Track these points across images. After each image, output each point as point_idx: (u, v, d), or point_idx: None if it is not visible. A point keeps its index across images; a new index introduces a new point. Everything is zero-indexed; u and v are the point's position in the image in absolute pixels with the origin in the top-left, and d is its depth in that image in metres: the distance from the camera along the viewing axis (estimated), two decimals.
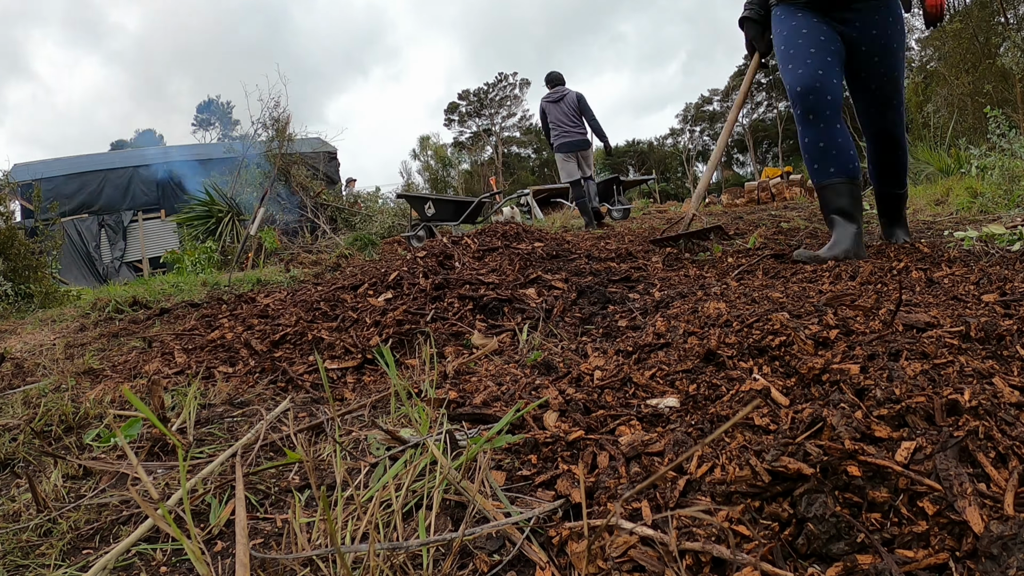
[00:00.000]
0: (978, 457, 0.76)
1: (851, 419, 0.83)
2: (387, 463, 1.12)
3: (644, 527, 0.75)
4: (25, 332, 4.14)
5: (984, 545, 0.64)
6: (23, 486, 1.33)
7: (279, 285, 5.47)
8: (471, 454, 0.99)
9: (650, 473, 0.90)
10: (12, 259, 5.73)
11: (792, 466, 0.75)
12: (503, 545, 0.85)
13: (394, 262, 3.34)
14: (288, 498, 1.11)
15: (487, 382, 1.56)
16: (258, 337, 2.28)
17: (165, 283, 6.08)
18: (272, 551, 0.92)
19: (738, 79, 46.87)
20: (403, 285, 2.55)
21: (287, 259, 7.94)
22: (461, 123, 52.05)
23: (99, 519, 1.15)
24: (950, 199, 6.24)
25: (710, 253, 3.24)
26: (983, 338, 1.10)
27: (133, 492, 0.66)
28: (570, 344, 1.89)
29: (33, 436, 1.56)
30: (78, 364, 2.57)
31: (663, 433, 1.02)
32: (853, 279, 1.99)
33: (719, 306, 1.48)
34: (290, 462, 1.19)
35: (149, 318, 4.18)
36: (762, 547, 0.71)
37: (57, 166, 15.58)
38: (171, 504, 1.06)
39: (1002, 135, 6.81)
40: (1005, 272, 1.80)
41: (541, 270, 2.68)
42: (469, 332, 2.12)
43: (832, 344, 1.14)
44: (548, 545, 0.83)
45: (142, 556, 0.99)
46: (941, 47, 18.82)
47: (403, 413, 1.44)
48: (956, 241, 3.06)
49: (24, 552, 1.06)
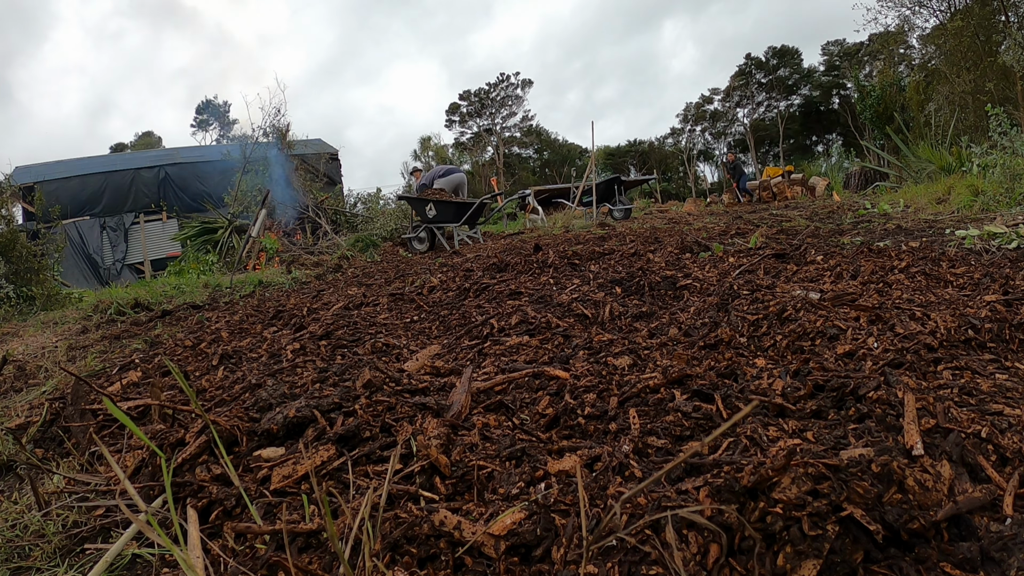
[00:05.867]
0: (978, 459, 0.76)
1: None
2: None
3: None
4: (27, 334, 4.15)
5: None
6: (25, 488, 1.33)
7: (280, 286, 5.47)
8: None
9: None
10: (14, 262, 5.74)
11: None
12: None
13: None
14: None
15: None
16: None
17: (167, 285, 6.09)
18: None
19: (739, 78, 46.82)
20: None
21: (288, 260, 7.94)
22: (462, 124, 52.06)
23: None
24: (951, 197, 6.22)
25: (711, 252, 3.23)
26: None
27: (122, 505, 0.66)
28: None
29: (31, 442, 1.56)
30: (80, 366, 2.58)
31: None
32: (854, 278, 1.99)
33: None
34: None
35: (151, 320, 4.19)
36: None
37: (58, 168, 15.60)
38: (155, 507, 1.07)
39: (1003, 133, 6.80)
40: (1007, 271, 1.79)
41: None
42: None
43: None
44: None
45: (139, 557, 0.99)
46: (942, 45, 18.77)
47: None
48: (958, 240, 3.06)
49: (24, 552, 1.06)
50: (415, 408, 1.59)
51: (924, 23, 21.39)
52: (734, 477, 0.95)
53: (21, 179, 11.89)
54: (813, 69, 45.41)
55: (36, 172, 14.58)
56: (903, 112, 18.47)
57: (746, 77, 47.01)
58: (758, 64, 46.58)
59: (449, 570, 0.96)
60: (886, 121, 18.53)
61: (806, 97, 45.76)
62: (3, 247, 5.76)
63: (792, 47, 45.75)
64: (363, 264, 7.07)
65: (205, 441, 1.49)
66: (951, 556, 0.86)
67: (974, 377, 1.53)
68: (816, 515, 0.86)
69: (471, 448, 1.34)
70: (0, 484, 1.72)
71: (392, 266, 6.35)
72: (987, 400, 1.37)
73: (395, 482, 1.22)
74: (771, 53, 46.12)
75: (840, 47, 42.74)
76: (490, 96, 51.16)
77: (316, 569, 0.94)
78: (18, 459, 1.75)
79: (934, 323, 1.87)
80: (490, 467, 1.25)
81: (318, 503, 1.07)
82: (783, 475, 0.90)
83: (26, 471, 1.43)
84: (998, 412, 1.28)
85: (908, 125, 15.44)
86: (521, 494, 1.14)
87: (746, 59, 46.79)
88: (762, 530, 0.87)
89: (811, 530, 0.84)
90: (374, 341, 2.55)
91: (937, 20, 20.35)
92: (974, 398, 1.40)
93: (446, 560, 0.97)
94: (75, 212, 14.30)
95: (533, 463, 1.26)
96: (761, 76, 46.53)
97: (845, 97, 39.37)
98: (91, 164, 16.34)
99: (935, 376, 1.57)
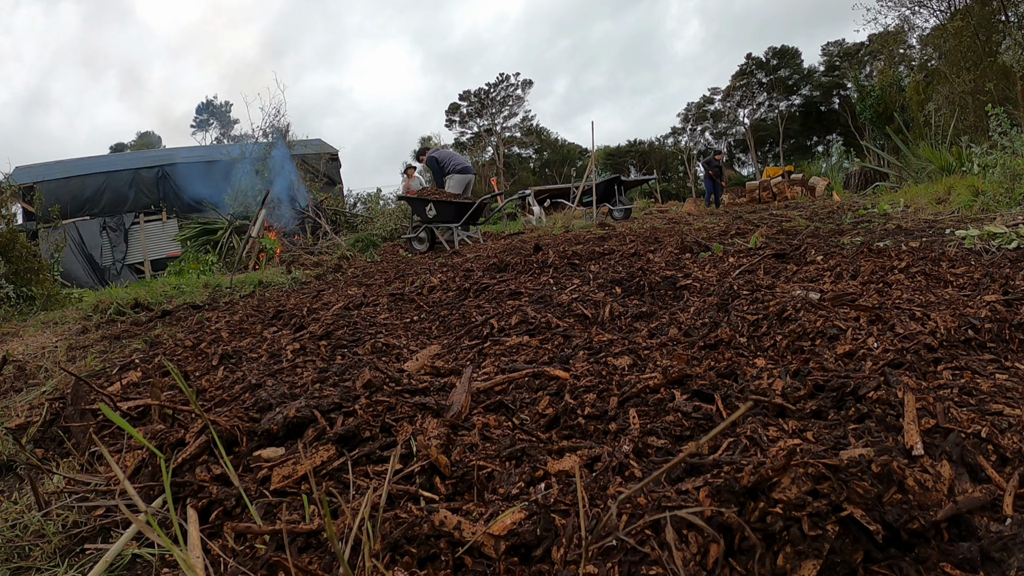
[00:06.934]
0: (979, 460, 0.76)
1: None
2: None
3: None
4: (27, 334, 4.15)
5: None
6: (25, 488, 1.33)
7: (280, 286, 5.47)
8: None
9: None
10: (14, 262, 5.74)
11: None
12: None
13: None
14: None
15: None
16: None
17: (167, 285, 6.09)
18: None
19: (740, 78, 46.83)
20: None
21: (288, 260, 7.94)
22: (462, 124, 52.06)
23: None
24: (952, 197, 6.22)
25: (711, 252, 3.23)
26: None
27: (121, 505, 0.66)
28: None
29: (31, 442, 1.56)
30: (80, 366, 2.58)
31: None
32: (854, 278, 1.99)
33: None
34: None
35: (151, 320, 4.19)
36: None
37: (58, 168, 15.61)
38: (155, 507, 1.07)
39: (1003, 133, 6.80)
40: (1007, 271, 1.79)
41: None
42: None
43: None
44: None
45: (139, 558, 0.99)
46: (942, 45, 18.76)
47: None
48: (958, 240, 3.06)
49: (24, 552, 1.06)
50: (415, 408, 1.59)
51: (924, 23, 21.39)
52: (734, 477, 0.95)
53: (21, 179, 11.89)
54: (813, 69, 45.44)
55: (36, 172, 14.59)
56: (903, 112, 18.47)
57: (747, 77, 47.03)
58: (759, 64, 46.61)
59: (449, 570, 0.96)
60: (886, 121, 18.53)
61: (806, 97, 45.78)
62: (3, 247, 5.76)
63: (792, 47, 45.81)
64: (363, 264, 7.07)
65: (205, 441, 1.49)
66: (951, 556, 0.86)
67: (974, 377, 1.53)
68: (816, 515, 0.86)
69: (471, 448, 1.34)
70: (0, 484, 1.72)
71: (392, 266, 6.35)
72: (987, 400, 1.37)
73: (395, 482, 1.22)
74: (771, 53, 46.15)
75: (840, 47, 42.75)
76: (490, 96, 51.14)
77: (316, 569, 0.94)
78: (18, 459, 1.75)
79: (934, 323, 1.87)
80: (490, 467, 1.25)
81: (318, 503, 1.07)
82: (783, 475, 0.90)
83: (26, 471, 1.43)
84: (998, 412, 1.28)
85: (908, 125, 15.44)
86: (521, 494, 1.14)
87: (747, 59, 46.81)
88: (762, 530, 0.87)
89: (811, 530, 0.84)
90: (374, 341, 2.55)
91: (937, 20, 20.34)
92: (974, 398, 1.40)
93: (446, 560, 0.97)
94: (75, 212, 14.30)
95: (533, 463, 1.26)
96: (762, 76, 46.56)
97: (845, 97, 39.34)
98: (91, 164, 16.35)
99: (935, 376, 1.57)
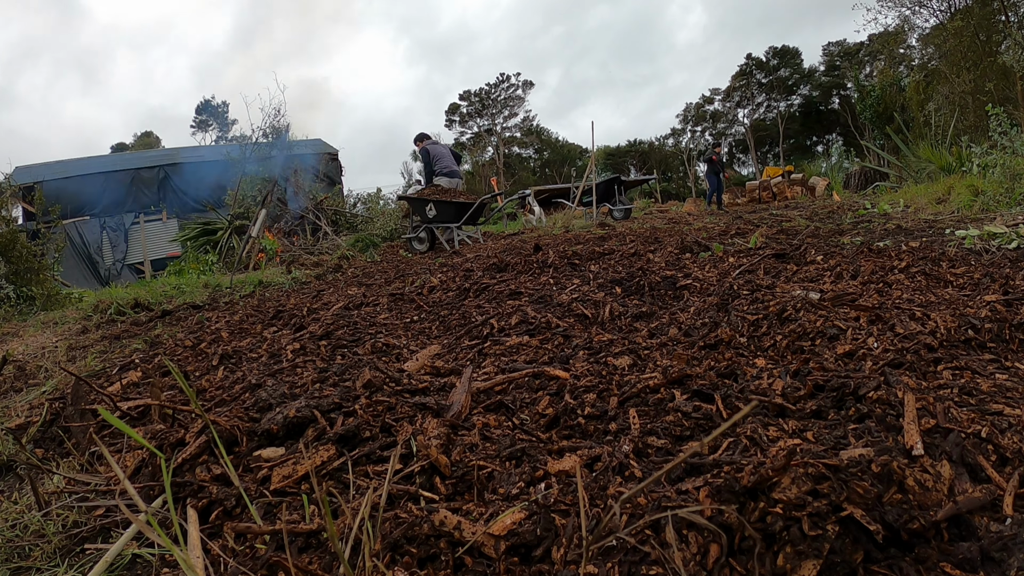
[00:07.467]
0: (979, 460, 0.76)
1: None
2: None
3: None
4: (27, 335, 4.15)
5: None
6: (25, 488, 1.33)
7: (280, 286, 5.47)
8: None
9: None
10: (14, 262, 5.73)
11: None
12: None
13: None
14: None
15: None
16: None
17: (167, 285, 6.08)
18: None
19: (740, 79, 46.83)
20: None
21: (288, 260, 7.94)
22: (462, 124, 52.06)
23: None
24: (951, 197, 6.22)
25: (711, 252, 3.23)
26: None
27: (122, 505, 0.66)
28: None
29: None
30: (80, 366, 2.58)
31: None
32: (854, 278, 1.99)
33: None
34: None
35: (151, 320, 4.19)
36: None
37: (58, 168, 15.61)
38: (155, 507, 1.07)
39: (1003, 133, 6.80)
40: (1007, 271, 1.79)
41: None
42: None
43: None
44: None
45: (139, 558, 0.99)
46: (942, 45, 18.77)
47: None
48: (958, 240, 3.06)
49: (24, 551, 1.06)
50: (415, 408, 1.59)
51: (924, 23, 21.40)
52: (734, 477, 0.95)
53: (21, 179, 11.89)
54: (813, 69, 45.46)
55: (36, 172, 14.58)
56: (903, 112, 18.47)
57: (746, 77, 47.05)
58: (758, 64, 46.62)
59: (449, 570, 0.96)
60: (886, 121, 18.53)
61: (806, 97, 45.79)
62: (3, 247, 5.76)
63: (792, 47, 45.80)
64: (363, 264, 7.07)
65: (205, 441, 1.49)
66: (951, 556, 0.86)
67: (974, 377, 1.53)
68: (816, 515, 0.86)
69: (471, 448, 1.34)
70: (0, 484, 1.72)
71: (392, 266, 6.35)
72: (987, 400, 1.37)
73: (395, 482, 1.22)
74: (771, 53, 46.16)
75: (840, 47, 42.75)
76: (491, 96, 51.14)
77: (316, 569, 0.94)
78: (18, 459, 1.75)
79: (934, 323, 1.87)
80: (490, 467, 1.25)
81: (318, 503, 1.07)
82: (783, 475, 0.90)
83: (26, 471, 1.43)
84: (998, 412, 1.28)
85: (908, 125, 15.43)
86: (521, 494, 1.14)
87: (747, 59, 46.82)
88: (762, 530, 0.87)
89: (811, 530, 0.84)
90: (374, 341, 2.55)
91: (937, 20, 20.34)
92: (974, 398, 1.40)
93: (446, 560, 0.97)
94: (75, 212, 14.29)
95: (533, 463, 1.26)
96: (761, 76, 46.56)
97: (845, 97, 39.36)
98: (91, 164, 16.35)
99: (935, 376, 1.57)
